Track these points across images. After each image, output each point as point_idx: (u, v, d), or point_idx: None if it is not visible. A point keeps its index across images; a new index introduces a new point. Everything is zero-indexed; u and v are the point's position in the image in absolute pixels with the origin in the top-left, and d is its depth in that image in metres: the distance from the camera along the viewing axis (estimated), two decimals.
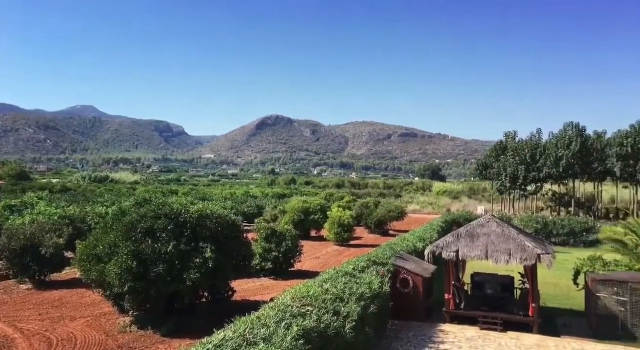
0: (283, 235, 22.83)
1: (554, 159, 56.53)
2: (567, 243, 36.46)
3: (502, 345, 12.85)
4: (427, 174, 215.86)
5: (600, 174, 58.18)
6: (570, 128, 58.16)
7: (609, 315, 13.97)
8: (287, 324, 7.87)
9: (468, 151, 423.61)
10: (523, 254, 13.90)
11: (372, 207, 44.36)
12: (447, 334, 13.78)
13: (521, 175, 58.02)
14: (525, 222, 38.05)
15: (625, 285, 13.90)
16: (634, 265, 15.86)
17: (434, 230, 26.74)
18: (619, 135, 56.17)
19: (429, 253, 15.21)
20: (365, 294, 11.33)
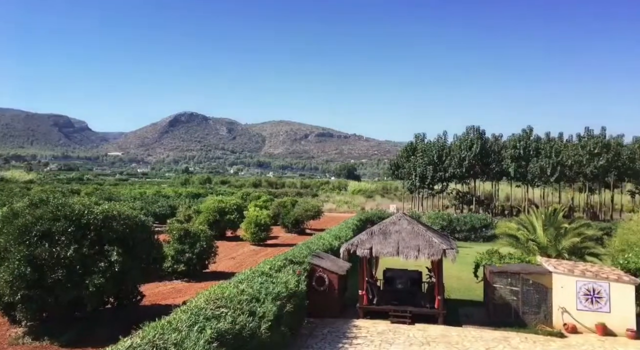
0: (197, 236, 22.12)
1: (458, 159, 60.64)
2: (469, 238, 39.29)
3: (410, 337, 13.51)
4: (342, 173, 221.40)
5: (497, 174, 63.46)
6: (472, 131, 62.78)
7: (504, 304, 15.26)
8: (200, 327, 7.62)
9: (381, 151, 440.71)
10: (430, 250, 14.72)
11: (289, 206, 44.51)
12: (360, 328, 14.19)
13: (429, 175, 61.50)
14: (432, 219, 40.38)
15: (517, 276, 15.26)
16: (525, 257, 17.46)
17: (349, 229, 27.45)
18: (513, 139, 61.68)
19: (344, 251, 15.58)
20: (281, 293, 11.32)
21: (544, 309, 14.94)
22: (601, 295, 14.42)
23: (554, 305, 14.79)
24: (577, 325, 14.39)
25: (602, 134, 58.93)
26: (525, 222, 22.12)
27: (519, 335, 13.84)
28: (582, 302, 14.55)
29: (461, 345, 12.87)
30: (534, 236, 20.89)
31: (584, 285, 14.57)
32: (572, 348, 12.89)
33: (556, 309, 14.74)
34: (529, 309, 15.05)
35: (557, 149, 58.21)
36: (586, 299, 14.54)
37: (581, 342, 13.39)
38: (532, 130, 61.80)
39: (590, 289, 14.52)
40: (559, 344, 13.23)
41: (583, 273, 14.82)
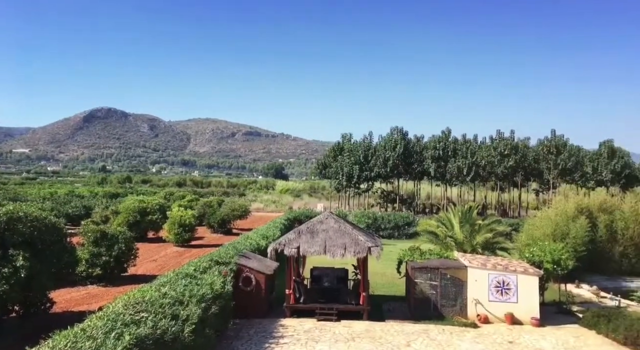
0: (115, 238, 20.93)
1: (383, 159, 62.66)
2: (393, 236, 40.73)
3: (336, 333, 13.73)
4: (270, 172, 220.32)
5: (419, 174, 66.39)
6: (396, 132, 65.15)
7: (424, 298, 15.99)
8: (118, 333, 7.21)
9: (309, 151, 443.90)
10: (356, 248, 15.06)
11: (215, 206, 43.48)
12: (287, 328, 14.19)
13: (355, 174, 62.95)
14: (358, 218, 41.37)
15: (436, 271, 16.06)
16: (444, 253, 18.41)
17: (276, 228, 27.35)
18: (433, 140, 64.84)
19: (271, 250, 15.50)
20: (206, 295, 11.02)
21: (460, 302, 15.84)
22: (510, 286, 15.56)
23: (469, 297, 15.73)
24: (489, 315, 15.42)
25: (511, 136, 63.65)
26: (444, 220, 23.29)
27: (437, 328, 14.56)
28: (493, 294, 15.61)
29: (384, 339, 13.29)
30: (451, 233, 22.04)
31: (495, 278, 15.64)
32: (484, 337, 13.78)
33: (471, 301, 15.69)
34: (447, 302, 15.89)
35: (472, 150, 62.00)
36: (497, 290, 15.62)
37: (492, 332, 14.37)
38: (451, 132, 65.37)
39: (500, 281, 15.61)
40: (472, 334, 14.09)
41: (494, 266, 15.92)
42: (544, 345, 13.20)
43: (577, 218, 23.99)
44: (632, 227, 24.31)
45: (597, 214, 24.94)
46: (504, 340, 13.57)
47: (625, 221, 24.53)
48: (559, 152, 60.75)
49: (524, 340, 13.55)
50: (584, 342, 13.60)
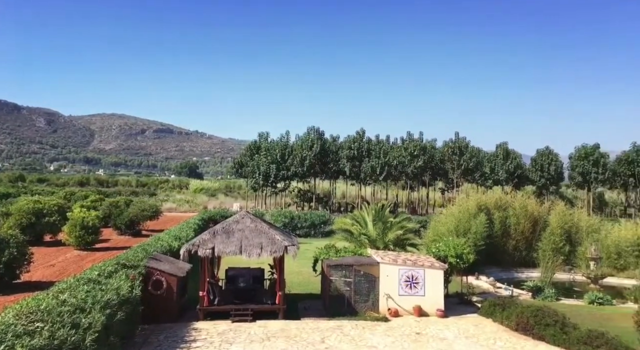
0: (5, 242, 18.93)
1: (300, 159, 63.13)
2: (309, 234, 41.19)
3: (251, 334, 13.57)
4: (184, 171, 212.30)
5: (335, 173, 67.82)
6: (313, 131, 65.95)
7: (339, 295, 16.35)
8: (9, 346, 6.52)
9: (225, 149, 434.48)
10: (273, 247, 15.00)
11: (122, 206, 41.00)
12: (200, 331, 13.77)
13: (272, 173, 62.77)
14: (275, 217, 41.30)
15: (350, 268, 16.49)
16: (358, 250, 18.96)
17: (190, 229, 26.47)
18: (348, 140, 66.57)
19: (184, 251, 14.95)
20: (112, 300, 10.35)
21: (372, 297, 16.42)
22: (418, 281, 16.42)
23: (381, 292, 16.36)
24: (399, 309, 16.15)
25: (420, 138, 67.26)
26: (358, 218, 23.98)
27: (350, 323, 14.95)
28: (403, 288, 16.38)
29: (299, 337, 13.38)
30: (365, 230, 22.75)
31: (405, 273, 16.42)
32: (394, 330, 14.41)
33: (382, 296, 16.32)
34: (360, 297, 16.38)
35: (385, 151, 64.58)
36: (406, 285, 16.40)
37: (401, 324, 15.07)
38: (365, 132, 67.50)
39: (409, 276, 16.42)
40: (383, 327, 14.66)
41: (404, 262, 16.70)
42: (447, 334, 14.09)
43: (478, 215, 25.93)
44: (523, 223, 26.78)
45: (493, 211, 27.15)
46: (412, 331, 14.28)
47: (517, 217, 26.96)
48: (462, 153, 65.31)
49: (429, 331, 14.37)
50: (482, 329, 14.73)
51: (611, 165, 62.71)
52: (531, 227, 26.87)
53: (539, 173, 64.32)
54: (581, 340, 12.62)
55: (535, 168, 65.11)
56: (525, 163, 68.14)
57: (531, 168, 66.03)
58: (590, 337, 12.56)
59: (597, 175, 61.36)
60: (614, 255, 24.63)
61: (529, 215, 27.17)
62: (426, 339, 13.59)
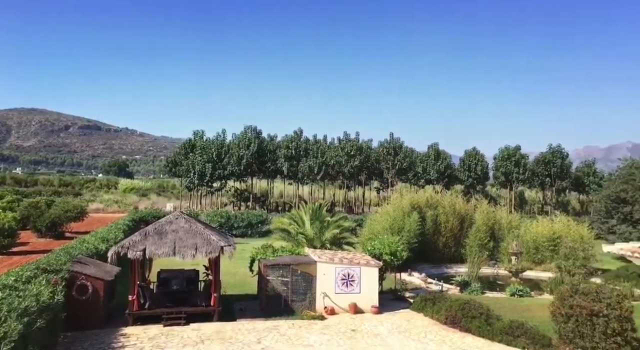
0: None
1: (237, 158, 62.17)
2: (246, 234, 40.66)
3: (184, 338, 13.16)
4: (112, 170, 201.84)
5: (272, 172, 67.52)
6: (250, 130, 65.20)
7: (276, 294, 16.27)
8: None
9: (157, 148, 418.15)
10: (208, 247, 14.63)
11: (43, 207, 38.20)
12: (129, 336, 13.15)
13: (208, 172, 61.33)
14: (211, 217, 40.37)
15: (288, 267, 16.47)
16: (295, 249, 18.96)
17: (119, 230, 25.25)
18: (286, 139, 66.53)
19: (112, 254, 14.23)
20: (30, 307, 9.61)
21: (309, 296, 16.49)
22: (354, 278, 16.71)
23: (318, 291, 16.47)
24: (335, 307, 16.35)
25: (356, 138, 68.58)
26: (295, 217, 24.00)
27: (287, 323, 14.93)
28: (339, 286, 16.60)
29: (235, 339, 13.16)
30: (303, 229, 22.82)
31: (341, 271, 16.65)
32: (330, 328, 14.57)
33: (319, 294, 16.45)
34: (297, 297, 16.40)
35: (322, 150, 65.19)
36: (343, 283, 16.64)
37: (337, 322, 15.27)
38: (302, 132, 67.79)
39: (346, 274, 16.67)
40: (320, 325, 14.78)
41: (341, 260, 16.94)
42: (381, 330, 14.46)
43: (411, 213, 26.84)
44: (452, 221, 28.08)
45: (425, 210, 28.23)
46: (347, 329, 14.51)
47: (446, 215, 28.22)
48: (396, 153, 67.38)
49: (364, 328, 14.67)
50: (414, 324, 15.27)
51: (530, 165, 67.36)
52: (459, 225, 28.23)
53: (466, 173, 67.82)
54: (503, 330, 13.45)
55: (464, 168, 68.58)
56: (455, 163, 71.57)
57: (460, 168, 69.47)
58: (511, 328, 13.42)
59: (518, 175, 65.69)
60: (533, 250, 26.46)
61: (457, 213, 28.53)
62: (361, 336, 13.86)
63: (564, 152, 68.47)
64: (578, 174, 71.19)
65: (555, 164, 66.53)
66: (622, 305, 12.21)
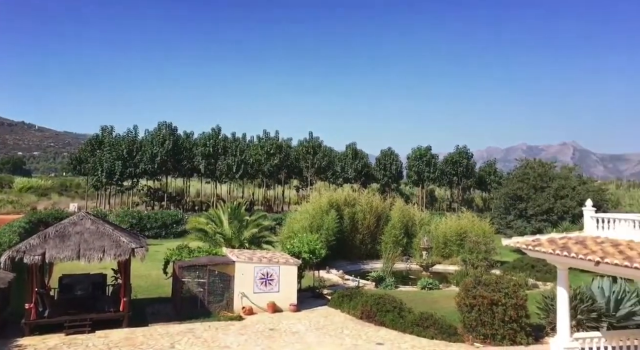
0: None
1: (150, 155, 59.25)
2: (160, 235, 38.89)
3: (89, 346, 12.30)
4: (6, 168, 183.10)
5: (189, 171, 65.23)
6: (164, 127, 62.39)
7: (191, 296, 15.75)
8: None
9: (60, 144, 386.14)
10: (117, 250, 13.79)
11: None
12: (25, 348, 12.04)
13: (118, 170, 57.85)
14: (121, 218, 38.11)
15: (204, 268, 16.00)
16: (213, 250, 18.49)
17: (14, 233, 22.97)
18: (203, 137, 64.61)
19: (6, 259, 12.92)
20: None
21: (227, 296, 16.17)
22: (273, 277, 16.65)
23: (236, 291, 16.20)
24: (254, 307, 16.19)
25: (276, 136, 68.39)
26: (213, 216, 23.39)
27: (203, 325, 14.51)
28: (258, 286, 16.45)
29: (146, 344, 12.55)
30: (221, 229, 22.30)
31: (260, 270, 16.51)
32: (248, 328, 14.39)
33: (237, 294, 16.18)
34: (214, 298, 16.00)
35: (241, 149, 64.19)
36: (261, 282, 16.51)
37: (255, 322, 15.13)
38: (221, 129, 66.24)
39: (265, 273, 16.56)
40: (237, 326, 14.55)
41: (260, 260, 16.80)
42: (299, 328, 14.55)
43: (329, 212, 27.32)
44: (369, 218, 29.01)
45: (343, 208, 28.89)
46: (265, 328, 14.43)
47: (363, 213, 29.09)
48: (315, 152, 68.23)
49: (283, 326, 14.67)
50: (331, 320, 15.55)
51: (440, 165, 71.52)
52: (375, 222, 29.24)
53: (382, 172, 70.43)
54: (414, 322, 14.15)
55: (379, 167, 71.17)
56: (371, 162, 74.02)
57: (376, 167, 71.99)
58: (421, 319, 14.16)
59: (429, 174, 69.49)
60: (442, 245, 28.12)
61: (374, 211, 29.53)
62: (279, 334, 13.84)
63: (469, 152, 73.48)
64: (481, 173, 76.73)
65: (461, 164, 71.17)
66: (517, 294, 13.37)
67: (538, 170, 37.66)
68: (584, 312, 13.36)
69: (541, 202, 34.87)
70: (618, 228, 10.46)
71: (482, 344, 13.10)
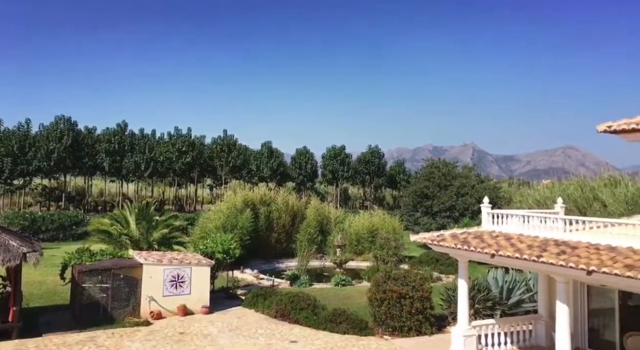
0: None
1: (45, 152, 54.40)
2: (57, 238, 35.89)
3: None
4: None
5: (91, 169, 60.85)
6: (62, 122, 57.49)
7: (93, 303, 14.67)
8: None
9: None
10: (6, 255, 12.47)
11: None
12: None
13: (7, 168, 52.37)
14: (10, 220, 34.60)
15: (108, 272, 14.99)
16: (118, 252, 17.39)
17: None
18: (107, 133, 60.62)
19: None
20: None
21: (133, 301, 15.30)
22: (184, 279, 16.05)
23: (143, 295, 15.38)
24: (163, 310, 15.48)
25: (188, 134, 66.05)
26: (119, 217, 22.03)
27: (106, 333, 13.59)
28: (168, 289, 15.76)
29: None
30: (127, 230, 21.10)
31: (170, 272, 15.83)
32: (156, 333, 13.73)
33: (144, 299, 15.37)
34: (119, 303, 15.05)
35: (150, 146, 61.17)
36: (172, 284, 15.84)
37: (164, 326, 14.48)
38: (127, 125, 62.61)
39: (175, 275, 15.91)
40: (144, 332, 13.82)
41: (170, 261, 16.10)
42: (212, 330, 14.17)
43: (244, 211, 26.97)
44: (284, 217, 29.06)
45: (259, 207, 28.67)
46: (175, 332, 13.86)
47: (279, 212, 29.10)
48: (230, 150, 66.98)
49: (194, 329, 14.20)
50: (245, 321, 15.34)
51: (353, 164, 73.69)
52: (291, 221, 29.37)
53: (298, 170, 70.98)
54: (327, 318, 14.41)
55: (295, 166, 71.64)
56: (287, 161, 74.29)
57: (291, 166, 72.37)
58: (334, 315, 14.46)
59: (343, 173, 71.30)
60: (355, 242, 28.94)
61: (290, 210, 29.65)
62: (190, 338, 13.37)
63: (380, 152, 76.52)
64: (391, 172, 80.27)
65: (373, 163, 73.94)
66: (423, 287, 14.14)
67: (442, 170, 40.18)
68: (480, 301, 14.46)
69: (445, 199, 37.27)
70: (510, 223, 11.45)
71: (391, 336, 13.68)
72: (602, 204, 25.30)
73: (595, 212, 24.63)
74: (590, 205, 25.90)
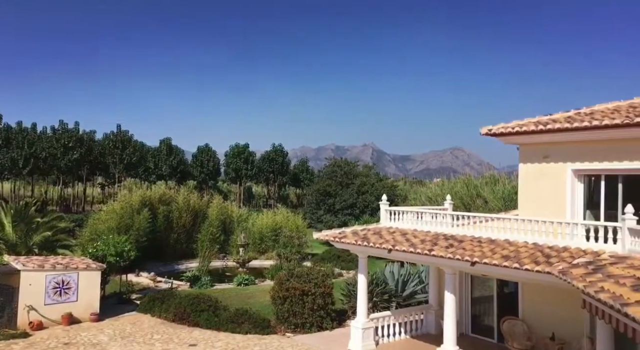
0: None
1: None
2: None
3: None
4: None
5: None
6: None
7: None
8: None
9: None
10: None
11: None
12: None
13: None
14: None
15: None
16: None
17: None
18: None
19: None
20: None
21: (9, 311, 13.77)
22: (70, 285, 14.74)
23: (21, 304, 13.89)
24: (44, 320, 14.10)
25: (75, 128, 60.64)
26: None
27: None
28: (51, 296, 14.37)
29: None
30: (2, 234, 18.97)
31: (53, 278, 14.45)
32: (36, 345, 12.46)
33: (22, 308, 13.88)
34: None
35: (30, 140, 55.31)
36: (55, 292, 14.46)
37: (46, 337, 13.17)
38: (2, 117, 55.99)
39: (59, 281, 14.55)
40: (21, 345, 12.47)
41: (54, 266, 14.68)
42: (102, 338, 13.18)
43: (141, 210, 25.51)
44: (185, 216, 28.00)
45: (158, 206, 27.30)
46: (59, 343, 12.67)
47: (179, 211, 27.97)
48: (125, 147, 62.77)
49: (81, 339, 13.10)
50: (140, 326, 14.49)
51: (257, 162, 73.16)
52: (192, 220, 28.36)
53: (199, 169, 68.66)
54: (229, 319, 14.13)
55: (196, 164, 69.22)
56: (188, 159, 71.56)
57: (193, 164, 69.81)
58: (236, 315, 14.22)
59: (247, 172, 70.41)
60: (258, 241, 28.76)
61: (191, 209, 28.63)
62: (76, 348, 12.30)
63: (284, 151, 76.84)
64: (295, 171, 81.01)
65: (277, 162, 73.98)
66: (325, 283, 14.45)
67: (344, 169, 41.49)
68: (378, 294, 15.14)
69: (346, 197, 38.51)
70: (405, 219, 12.12)
71: (293, 333, 13.79)
72: (484, 201, 27.87)
73: (478, 207, 27.05)
74: (474, 202, 28.40)
